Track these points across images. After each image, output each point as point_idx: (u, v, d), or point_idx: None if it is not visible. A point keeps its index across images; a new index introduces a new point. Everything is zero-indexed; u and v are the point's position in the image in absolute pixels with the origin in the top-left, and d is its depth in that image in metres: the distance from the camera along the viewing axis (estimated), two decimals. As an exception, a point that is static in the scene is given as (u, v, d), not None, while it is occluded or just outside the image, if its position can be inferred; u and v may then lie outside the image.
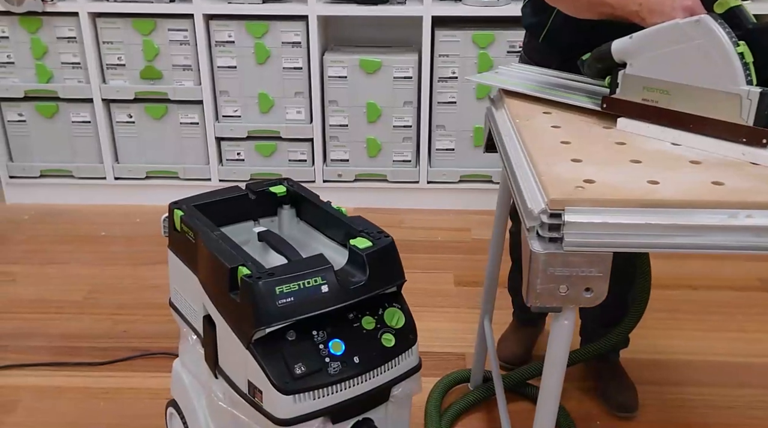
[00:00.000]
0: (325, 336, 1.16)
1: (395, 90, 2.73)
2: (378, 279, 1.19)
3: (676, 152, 1.06)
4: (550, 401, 1.03)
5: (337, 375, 1.14)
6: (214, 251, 1.19)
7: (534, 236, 0.94)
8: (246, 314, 1.11)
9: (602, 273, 0.92)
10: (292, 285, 1.12)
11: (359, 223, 1.30)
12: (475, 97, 2.73)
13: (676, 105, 1.06)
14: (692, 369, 1.92)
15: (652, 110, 1.09)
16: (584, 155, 1.05)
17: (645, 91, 1.08)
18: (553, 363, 1.01)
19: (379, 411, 1.23)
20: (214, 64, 2.73)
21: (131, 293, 2.27)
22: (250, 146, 2.84)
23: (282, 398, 1.11)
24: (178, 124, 2.82)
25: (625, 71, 1.12)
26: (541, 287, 0.93)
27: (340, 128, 2.80)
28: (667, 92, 1.06)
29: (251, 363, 1.13)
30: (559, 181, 0.95)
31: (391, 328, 1.22)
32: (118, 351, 1.98)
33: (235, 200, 1.44)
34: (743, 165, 1.01)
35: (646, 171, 0.99)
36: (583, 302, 0.94)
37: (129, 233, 2.69)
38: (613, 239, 0.91)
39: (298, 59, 2.70)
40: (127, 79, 2.77)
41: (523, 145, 1.12)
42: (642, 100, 1.10)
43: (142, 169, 2.89)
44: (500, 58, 2.66)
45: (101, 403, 1.78)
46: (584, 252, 0.91)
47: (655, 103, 1.08)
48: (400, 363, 1.22)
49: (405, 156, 2.84)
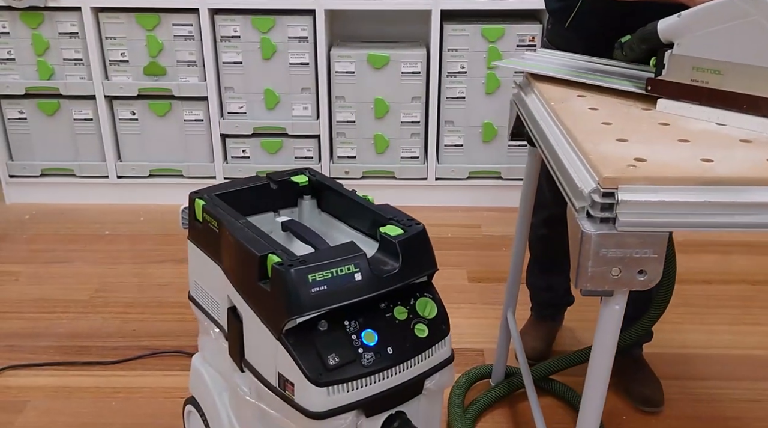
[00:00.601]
0: (357, 327, 1.12)
1: (403, 85, 2.70)
2: (411, 267, 1.16)
3: (723, 132, 1.03)
4: (597, 390, 1.00)
5: (371, 366, 1.10)
6: (242, 239, 1.15)
7: (584, 217, 0.90)
8: (277, 303, 1.07)
9: (657, 255, 0.89)
10: (324, 273, 1.07)
11: (388, 211, 1.26)
12: (485, 93, 2.70)
13: (728, 85, 1.02)
14: (715, 362, 1.89)
15: (703, 91, 1.05)
16: (629, 135, 1.01)
17: (694, 72, 1.05)
18: (602, 351, 0.97)
19: (412, 404, 1.18)
20: (220, 59, 2.69)
21: (139, 292, 2.22)
22: (256, 143, 2.80)
23: (315, 390, 1.07)
24: (183, 121, 2.78)
25: (672, 52, 1.08)
26: (593, 269, 0.90)
27: (347, 124, 2.76)
28: (719, 72, 1.02)
29: (282, 355, 1.09)
30: (609, 159, 0.92)
31: (424, 318, 1.18)
32: (128, 350, 1.93)
33: (256, 189, 1.39)
34: (795, 143, 0.98)
35: (696, 150, 0.96)
36: (637, 285, 0.91)
37: (133, 232, 2.64)
38: (671, 218, 0.87)
39: (305, 54, 2.67)
40: (130, 76, 2.72)
41: (562, 126, 1.08)
42: (691, 81, 1.06)
43: (145, 167, 2.84)
44: (510, 52, 2.63)
45: (113, 403, 1.73)
46: (639, 232, 0.88)
47: (706, 84, 1.04)
48: (434, 355, 1.19)
49: (413, 152, 2.80)
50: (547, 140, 1.10)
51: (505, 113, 2.71)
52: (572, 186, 0.94)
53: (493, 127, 2.75)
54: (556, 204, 1.75)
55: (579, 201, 0.91)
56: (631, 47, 1.16)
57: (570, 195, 0.94)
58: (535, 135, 1.20)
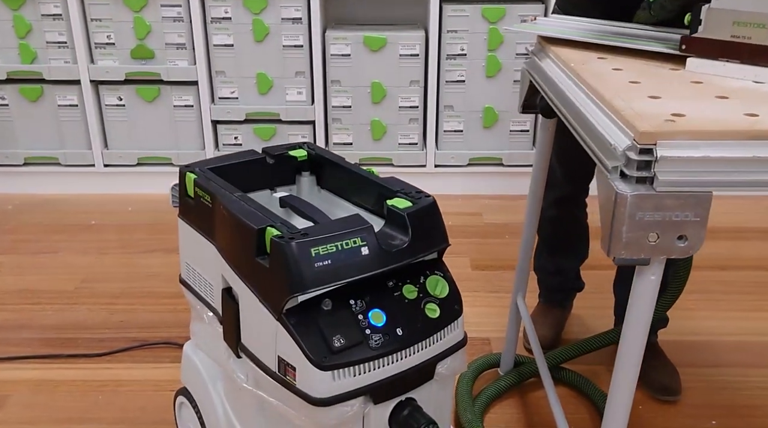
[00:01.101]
0: (364, 306, 1.03)
1: (401, 69, 2.61)
2: (421, 242, 1.07)
3: (763, 89, 0.95)
4: (629, 371, 0.91)
5: (380, 348, 1.01)
6: (237, 212, 1.06)
7: (617, 178, 0.82)
8: (277, 280, 0.98)
9: (700, 217, 0.80)
10: (329, 247, 0.98)
11: (394, 183, 1.18)
12: (485, 76, 2.62)
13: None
14: (732, 349, 1.81)
15: (744, 48, 0.96)
16: (661, 93, 0.93)
17: (735, 27, 0.96)
18: (636, 326, 0.88)
19: (423, 390, 1.09)
20: (210, 42, 2.59)
21: (127, 283, 2.12)
22: (248, 129, 2.70)
23: (319, 374, 0.98)
24: (172, 106, 2.67)
25: (710, 6, 0.99)
26: (628, 235, 0.81)
27: (343, 109, 2.67)
28: (764, 26, 0.93)
29: (282, 337, 1.00)
30: (644, 115, 0.83)
31: (435, 297, 1.10)
32: (115, 341, 1.83)
33: (251, 164, 1.30)
34: (843, 99, 0.90)
35: (738, 106, 0.88)
36: (676, 252, 0.82)
37: (121, 221, 2.54)
38: (715, 176, 0.79)
39: (299, 37, 2.57)
40: (117, 59, 2.61)
41: (586, 87, 1.00)
42: (731, 38, 0.97)
43: (133, 155, 2.74)
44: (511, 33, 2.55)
45: (100, 397, 1.63)
46: (680, 193, 0.79)
47: (748, 40, 0.96)
48: (446, 337, 1.10)
49: (411, 139, 2.71)
50: (570, 102, 1.01)
51: (506, 97, 2.65)
52: (603, 145, 0.85)
53: (494, 111, 2.66)
54: (568, 182, 1.67)
55: (611, 161, 0.82)
56: (662, 5, 1.08)
57: (600, 156, 0.86)
58: (553, 100, 1.11)
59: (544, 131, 1.44)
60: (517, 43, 2.57)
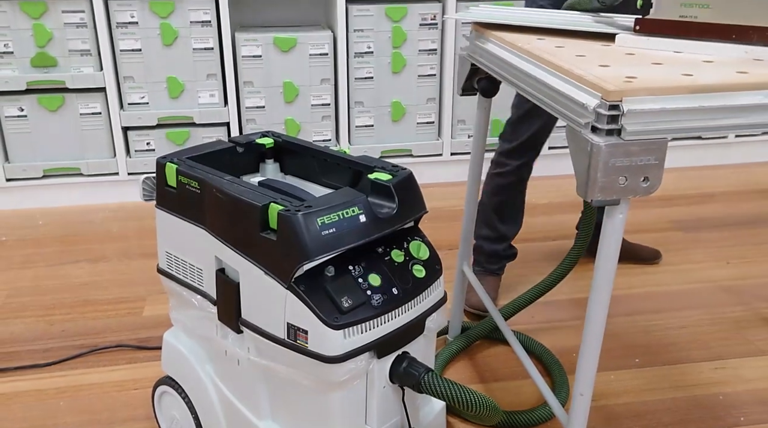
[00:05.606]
0: (361, 270, 1.13)
1: (311, 68, 2.69)
2: (406, 209, 1.18)
3: (685, 57, 1.14)
4: (602, 298, 1.06)
5: (381, 307, 1.11)
6: (236, 193, 1.12)
7: (589, 132, 0.97)
8: (287, 250, 1.05)
9: (658, 160, 0.97)
10: (332, 216, 1.07)
11: (369, 160, 1.27)
12: (391, 72, 2.76)
13: (717, 18, 1.12)
14: (642, 299, 2.06)
15: (692, 26, 1.13)
16: (607, 62, 1.09)
17: (682, 8, 1.14)
18: (606, 259, 1.03)
19: (415, 345, 1.20)
20: (116, 47, 2.55)
21: (59, 294, 2.06)
22: (161, 134, 2.68)
23: (332, 334, 1.06)
24: (78, 115, 2.61)
25: None
26: (603, 180, 0.96)
27: (257, 109, 2.72)
28: (708, 6, 1.11)
29: (292, 304, 1.07)
30: (605, 78, 0.99)
31: (419, 260, 1.21)
32: (62, 350, 1.79)
33: (223, 153, 1.35)
34: (750, 61, 1.10)
35: (672, 69, 1.05)
36: (641, 191, 0.98)
37: (35, 236, 2.44)
38: (671, 125, 0.95)
39: (209, 39, 2.59)
40: (16, 69, 2.52)
41: (540, 61, 1.15)
42: (679, 17, 1.15)
43: (38, 167, 2.64)
44: (413, 30, 2.71)
45: (61, 403, 1.60)
46: (643, 140, 0.95)
47: (695, 19, 1.14)
48: (432, 294, 1.21)
49: (325, 135, 2.80)
50: (528, 74, 1.16)
51: (411, 92, 2.80)
52: (572, 105, 1.00)
53: (402, 105, 2.81)
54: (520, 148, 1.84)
55: (583, 117, 0.97)
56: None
57: (570, 115, 1.00)
58: (506, 76, 1.26)
59: (481, 111, 1.59)
60: (419, 40, 2.73)
